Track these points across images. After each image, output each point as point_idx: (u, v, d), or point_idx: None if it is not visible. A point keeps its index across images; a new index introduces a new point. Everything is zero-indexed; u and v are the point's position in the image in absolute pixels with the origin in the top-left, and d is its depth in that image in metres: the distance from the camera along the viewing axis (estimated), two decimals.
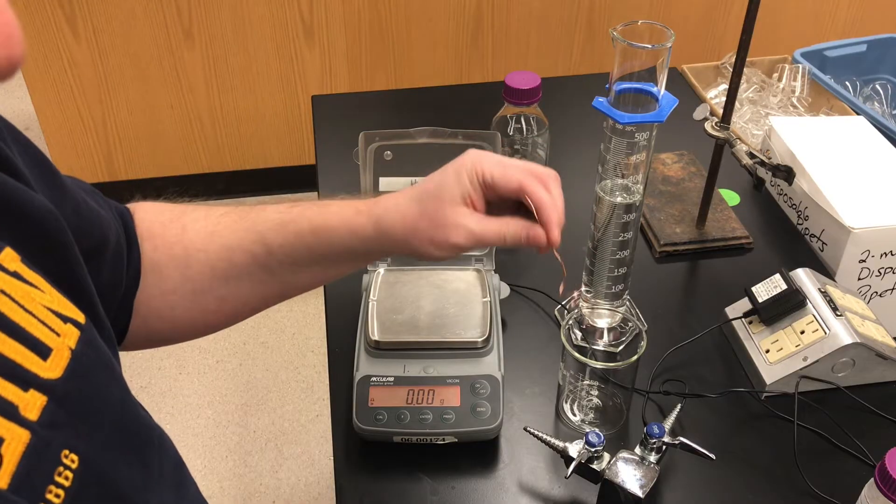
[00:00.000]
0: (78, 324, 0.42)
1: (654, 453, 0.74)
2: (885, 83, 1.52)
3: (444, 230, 0.59)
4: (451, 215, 0.59)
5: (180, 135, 2.22)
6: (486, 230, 0.60)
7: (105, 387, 0.43)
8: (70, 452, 0.38)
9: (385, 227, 0.60)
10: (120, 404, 0.44)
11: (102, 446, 0.41)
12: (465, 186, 0.60)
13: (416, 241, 0.59)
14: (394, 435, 0.78)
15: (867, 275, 1.00)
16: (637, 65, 0.73)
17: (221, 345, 2.01)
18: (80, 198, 0.54)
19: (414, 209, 0.60)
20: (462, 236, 0.59)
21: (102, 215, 0.56)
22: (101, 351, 0.43)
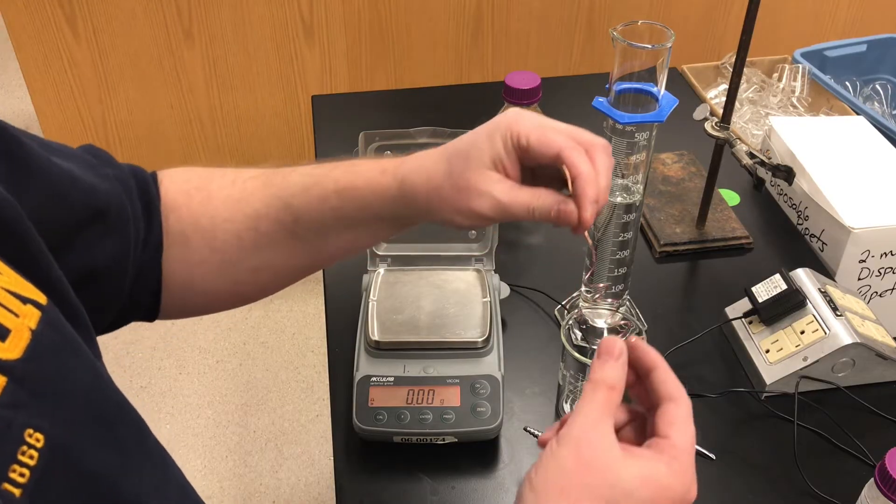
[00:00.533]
0: (39, 304, 0.41)
1: None
2: (885, 83, 1.52)
3: (467, 196, 0.54)
4: (476, 180, 0.54)
5: (180, 135, 2.22)
6: (513, 201, 0.54)
7: (70, 366, 0.42)
8: (34, 432, 0.37)
9: (408, 189, 0.56)
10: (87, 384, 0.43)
11: (70, 425, 0.40)
12: (497, 149, 0.54)
13: (438, 205, 0.55)
14: (394, 435, 0.78)
15: (867, 275, 1.00)
16: (637, 65, 0.73)
17: (221, 345, 2.02)
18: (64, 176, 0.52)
19: (440, 169, 0.55)
20: (486, 205, 0.54)
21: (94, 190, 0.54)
22: (65, 331, 0.43)
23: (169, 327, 2.05)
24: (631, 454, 0.49)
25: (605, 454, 0.48)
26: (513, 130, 0.54)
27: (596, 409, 0.49)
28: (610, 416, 0.50)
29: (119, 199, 0.57)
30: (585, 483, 0.47)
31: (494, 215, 0.54)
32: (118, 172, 0.59)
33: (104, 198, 0.55)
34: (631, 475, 0.48)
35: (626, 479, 0.47)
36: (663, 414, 0.51)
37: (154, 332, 2.04)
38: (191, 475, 1.71)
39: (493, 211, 0.54)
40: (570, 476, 0.47)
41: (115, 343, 2.01)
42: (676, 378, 0.52)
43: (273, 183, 0.60)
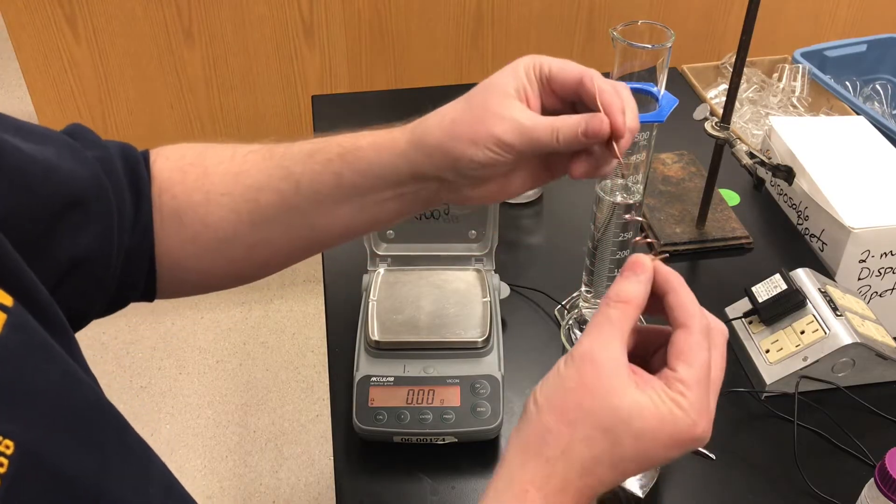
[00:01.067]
0: (4, 307, 0.40)
1: None
2: (885, 83, 1.52)
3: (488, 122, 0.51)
4: (499, 106, 0.52)
5: (180, 135, 2.22)
6: (537, 124, 0.52)
7: (39, 369, 0.41)
8: (4, 438, 0.36)
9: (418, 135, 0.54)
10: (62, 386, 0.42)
11: (42, 430, 0.39)
12: (520, 79, 0.53)
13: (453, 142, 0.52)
14: (394, 435, 0.78)
15: (867, 275, 1.00)
16: (637, 65, 0.73)
17: (221, 345, 2.02)
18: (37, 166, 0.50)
19: (458, 105, 0.54)
20: (509, 128, 0.51)
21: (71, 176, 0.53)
22: (34, 332, 0.42)
23: (169, 327, 2.05)
24: (640, 381, 0.46)
25: (609, 377, 0.46)
26: (536, 62, 0.54)
27: (606, 327, 0.47)
28: (621, 335, 0.47)
29: (100, 182, 0.55)
30: (585, 406, 0.46)
31: (516, 141, 0.52)
32: (102, 153, 0.57)
33: (84, 184, 0.54)
34: (632, 403, 0.45)
35: (626, 407, 0.45)
36: (673, 343, 0.48)
37: (154, 332, 2.04)
38: (191, 475, 1.72)
39: (515, 135, 0.51)
40: (570, 396, 0.46)
41: (115, 343, 2.01)
42: (693, 303, 0.49)
43: (275, 153, 0.59)
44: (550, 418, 0.47)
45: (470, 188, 0.57)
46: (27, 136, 0.52)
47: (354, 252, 0.96)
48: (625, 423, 0.45)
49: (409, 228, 0.92)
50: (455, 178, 0.55)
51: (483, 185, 0.57)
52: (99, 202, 0.55)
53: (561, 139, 0.52)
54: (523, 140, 0.52)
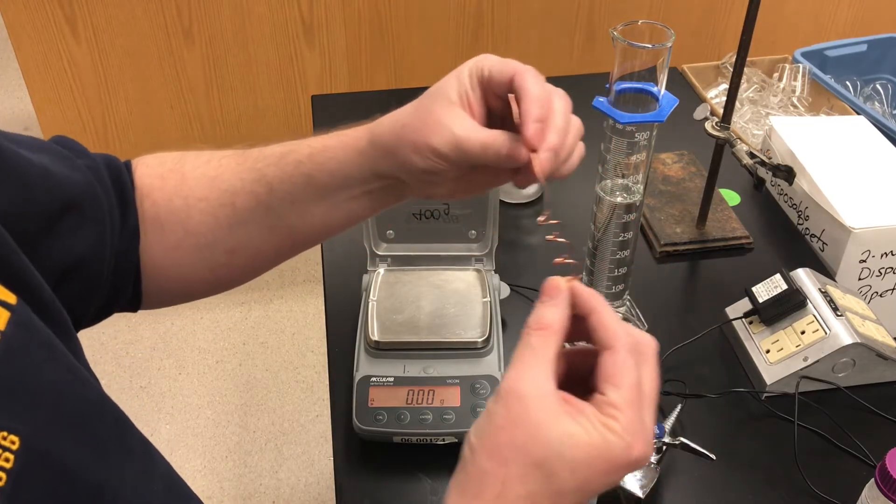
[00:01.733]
0: (7, 305, 0.41)
1: (655, 453, 0.74)
2: (886, 83, 1.52)
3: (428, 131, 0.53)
4: (439, 113, 0.53)
5: (180, 135, 2.22)
6: (470, 136, 0.52)
7: (44, 366, 0.41)
8: (9, 434, 0.37)
9: (376, 134, 0.55)
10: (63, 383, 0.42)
11: (46, 426, 0.40)
12: (463, 84, 0.54)
13: (400, 147, 0.54)
14: (394, 435, 0.78)
15: (867, 275, 1.00)
16: (637, 64, 0.73)
17: (221, 345, 2.01)
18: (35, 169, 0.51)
19: (408, 109, 0.55)
20: (444, 139, 0.52)
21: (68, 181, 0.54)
22: (37, 330, 0.42)
23: (168, 327, 2.05)
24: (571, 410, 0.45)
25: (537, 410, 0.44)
26: (477, 65, 0.55)
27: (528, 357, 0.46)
28: (545, 363, 0.45)
29: (93, 189, 0.56)
30: (516, 442, 0.44)
31: (450, 153, 0.53)
32: (91, 162, 0.58)
33: (78, 189, 0.55)
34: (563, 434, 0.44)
35: (557, 438, 0.44)
36: (600, 366, 0.47)
37: (154, 332, 2.04)
38: (191, 475, 1.71)
39: (449, 147, 0.52)
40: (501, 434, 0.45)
41: (114, 343, 2.01)
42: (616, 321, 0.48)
43: (249, 157, 0.60)
44: (484, 459, 0.45)
45: (428, 187, 0.57)
46: (20, 145, 0.53)
47: (354, 252, 0.96)
48: (558, 454, 0.44)
49: (409, 228, 0.92)
50: (409, 179, 0.56)
51: (438, 185, 0.57)
52: (92, 208, 0.55)
53: (489, 154, 0.53)
54: (456, 152, 0.53)
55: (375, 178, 0.57)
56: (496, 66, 0.54)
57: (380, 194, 0.59)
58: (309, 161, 0.58)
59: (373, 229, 0.92)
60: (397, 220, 0.91)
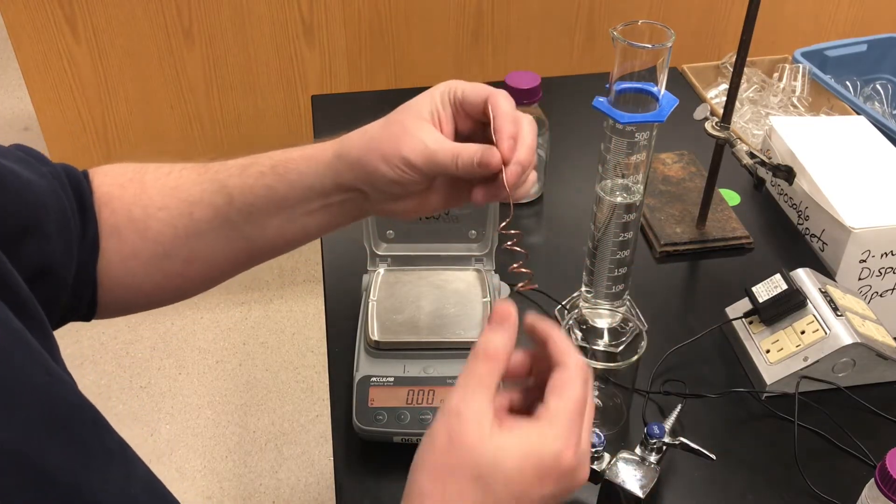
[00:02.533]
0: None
1: (655, 453, 0.74)
2: (886, 83, 1.52)
3: (399, 142, 0.55)
4: (410, 126, 0.56)
5: (180, 135, 2.22)
6: (441, 147, 0.55)
7: (19, 366, 0.41)
8: None
9: (344, 147, 0.57)
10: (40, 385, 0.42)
11: (24, 429, 0.39)
12: (434, 103, 0.58)
13: (369, 157, 0.56)
14: (394, 435, 0.78)
15: (867, 275, 1.00)
16: (637, 64, 0.73)
17: (221, 345, 2.02)
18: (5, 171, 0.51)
19: (378, 124, 0.58)
20: (416, 150, 0.55)
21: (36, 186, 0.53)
22: (13, 328, 0.42)
23: (169, 327, 2.05)
24: (504, 427, 0.47)
25: (472, 431, 0.46)
26: (450, 87, 0.58)
27: (473, 382, 0.48)
28: (487, 390, 0.47)
29: (58, 196, 0.56)
30: (453, 460, 0.46)
31: (421, 163, 0.55)
32: (52, 170, 0.58)
33: (45, 194, 0.54)
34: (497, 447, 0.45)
35: (492, 451, 0.45)
36: (550, 380, 0.49)
37: (154, 332, 2.04)
38: (190, 475, 1.71)
39: (420, 157, 0.55)
40: (439, 454, 0.47)
41: (114, 343, 2.01)
42: (568, 343, 0.50)
43: (210, 168, 0.61)
44: (424, 479, 0.47)
45: (390, 202, 0.60)
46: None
47: (354, 252, 0.96)
48: (492, 466, 0.45)
49: (409, 228, 0.92)
50: (373, 192, 0.58)
51: (401, 200, 0.60)
52: (59, 215, 0.55)
53: (460, 165, 0.55)
54: (427, 162, 0.55)
55: (337, 191, 0.59)
56: (469, 88, 0.57)
57: (338, 209, 0.60)
58: (271, 172, 0.59)
59: (373, 229, 0.92)
60: (397, 220, 0.91)
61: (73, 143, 2.19)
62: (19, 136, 2.66)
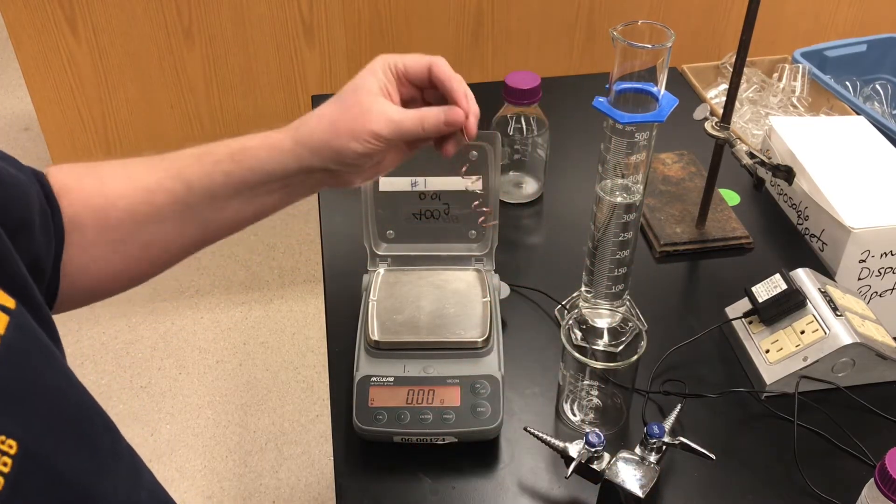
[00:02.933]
0: (7, 309, 0.41)
1: (654, 453, 0.74)
2: (885, 83, 1.52)
3: (364, 119, 0.60)
4: (370, 104, 0.61)
5: (180, 135, 2.22)
6: (405, 116, 0.61)
7: (41, 371, 0.42)
8: (7, 438, 0.37)
9: (303, 134, 0.61)
10: (59, 388, 0.43)
11: (42, 431, 0.40)
12: (380, 79, 0.63)
13: (336, 139, 0.60)
14: (394, 435, 0.78)
15: (867, 275, 1.00)
16: (637, 65, 0.73)
17: (221, 345, 2.02)
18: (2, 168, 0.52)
19: (332, 107, 0.61)
20: (382, 123, 0.60)
21: (23, 182, 0.55)
22: (35, 335, 0.42)
23: (169, 327, 2.05)
24: None
25: None
26: (389, 62, 0.63)
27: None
28: None
29: (38, 191, 0.57)
30: None
31: (389, 133, 0.60)
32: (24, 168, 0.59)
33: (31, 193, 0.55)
34: None
35: None
36: None
37: (154, 331, 2.04)
38: (191, 475, 1.72)
39: (388, 128, 0.60)
40: None
41: (114, 343, 2.01)
42: None
43: (165, 158, 0.63)
44: None
45: (351, 174, 0.64)
46: None
47: (354, 252, 0.96)
48: None
49: (409, 228, 0.92)
50: (338, 168, 0.62)
51: (363, 170, 0.65)
52: (40, 210, 0.56)
53: (426, 128, 0.62)
54: (395, 131, 0.61)
55: (299, 174, 0.62)
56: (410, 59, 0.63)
57: (296, 188, 0.64)
58: (228, 160, 0.61)
59: (373, 229, 0.92)
60: (397, 220, 0.91)
61: (73, 143, 2.19)
62: (19, 136, 2.66)
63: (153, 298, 2.12)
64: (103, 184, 0.61)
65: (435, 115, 0.62)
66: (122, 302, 2.10)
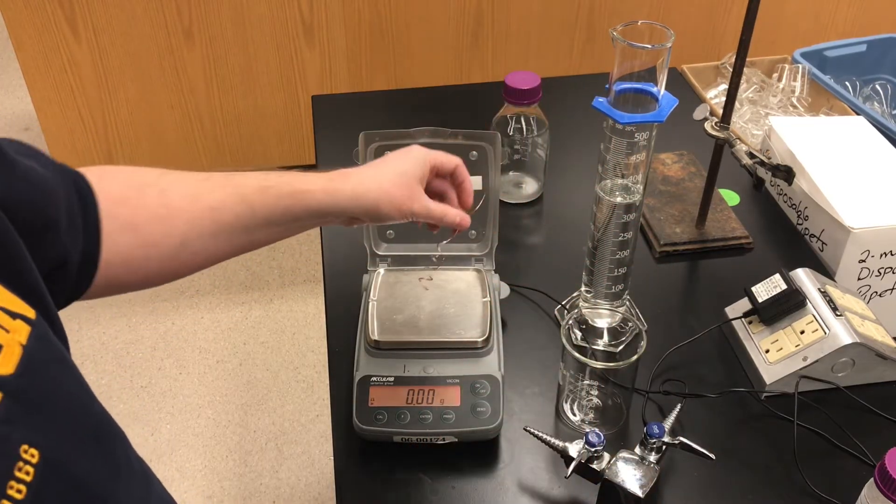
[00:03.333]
0: (28, 319, 0.42)
1: (654, 453, 0.74)
2: (885, 83, 1.52)
3: (409, 201, 0.74)
4: (416, 191, 0.75)
5: (180, 135, 2.22)
6: (435, 207, 0.76)
7: (59, 380, 0.42)
8: (29, 447, 0.38)
9: (360, 193, 0.72)
10: (76, 397, 0.43)
11: (62, 439, 0.40)
12: (424, 170, 0.76)
13: (385, 206, 0.72)
14: (394, 435, 0.78)
15: (867, 275, 1.00)
16: (637, 65, 0.73)
17: (221, 345, 2.02)
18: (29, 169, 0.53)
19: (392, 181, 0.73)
20: (420, 207, 0.74)
21: (50, 180, 0.56)
22: (53, 345, 0.43)
23: (169, 327, 2.05)
24: None
25: None
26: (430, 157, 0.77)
27: None
28: None
29: (67, 189, 0.58)
30: None
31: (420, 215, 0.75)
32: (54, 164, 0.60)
33: (57, 190, 0.56)
34: None
35: None
36: None
37: (154, 331, 2.04)
38: (191, 475, 1.72)
39: (422, 212, 0.75)
40: None
41: (115, 343, 2.01)
42: None
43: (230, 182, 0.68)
44: None
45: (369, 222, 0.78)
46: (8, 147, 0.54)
47: (354, 252, 0.96)
48: None
49: (410, 228, 0.92)
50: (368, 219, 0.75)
51: None
52: (69, 207, 0.57)
53: (444, 221, 0.77)
54: (424, 215, 0.75)
55: (340, 216, 0.73)
56: (443, 158, 0.78)
57: (331, 222, 0.75)
58: (290, 198, 0.69)
59: (373, 229, 0.92)
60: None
61: (73, 143, 2.19)
62: (19, 136, 2.66)
63: (153, 298, 2.12)
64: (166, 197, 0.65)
65: (452, 216, 0.77)
66: (122, 302, 2.10)
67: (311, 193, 0.69)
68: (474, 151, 0.88)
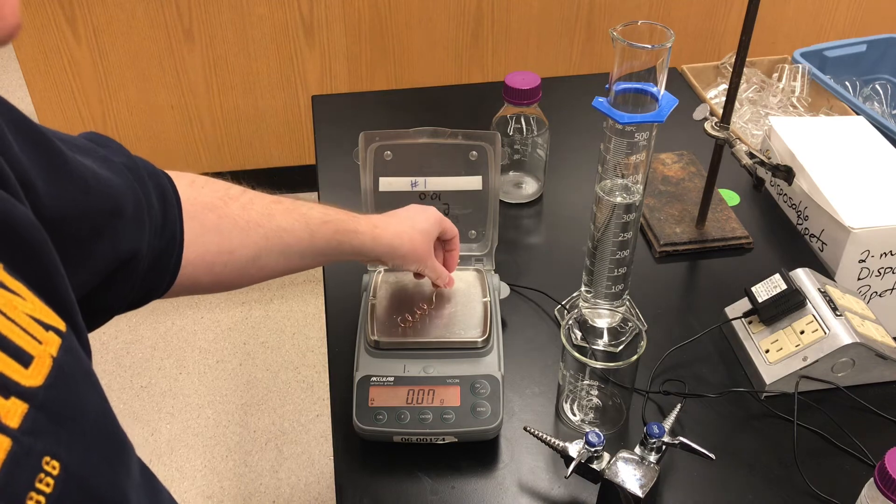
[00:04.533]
0: (59, 331, 0.42)
1: (654, 453, 0.74)
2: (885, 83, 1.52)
3: (427, 257, 0.84)
4: (429, 251, 0.85)
5: (180, 135, 2.22)
6: (439, 267, 0.87)
7: (85, 394, 0.43)
8: (51, 459, 0.38)
9: (397, 244, 0.81)
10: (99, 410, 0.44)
11: (83, 452, 0.41)
12: (434, 236, 0.86)
13: (410, 257, 0.83)
14: (394, 435, 0.78)
15: (867, 275, 1.00)
16: (637, 65, 0.73)
17: (221, 345, 2.02)
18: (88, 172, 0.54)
19: (419, 242, 0.83)
20: (432, 264, 0.86)
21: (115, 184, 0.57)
22: (81, 358, 0.44)
23: (169, 327, 2.05)
24: None
25: None
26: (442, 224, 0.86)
27: None
28: None
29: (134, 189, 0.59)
30: None
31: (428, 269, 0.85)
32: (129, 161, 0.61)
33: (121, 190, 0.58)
34: None
35: None
36: None
37: (154, 332, 2.04)
38: (191, 475, 1.72)
39: (431, 267, 0.86)
40: None
41: (115, 343, 2.01)
42: None
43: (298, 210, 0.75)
44: None
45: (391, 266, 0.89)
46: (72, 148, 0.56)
47: None
48: None
49: None
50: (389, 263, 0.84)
51: None
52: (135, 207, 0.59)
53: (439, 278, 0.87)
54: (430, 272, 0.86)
55: (371, 258, 0.82)
56: (448, 227, 0.88)
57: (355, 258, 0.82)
58: (342, 235, 0.77)
59: None
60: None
61: None
62: None
63: None
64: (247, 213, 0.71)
65: (445, 277, 0.88)
66: None
67: (361, 235, 0.78)
68: (474, 151, 0.88)
